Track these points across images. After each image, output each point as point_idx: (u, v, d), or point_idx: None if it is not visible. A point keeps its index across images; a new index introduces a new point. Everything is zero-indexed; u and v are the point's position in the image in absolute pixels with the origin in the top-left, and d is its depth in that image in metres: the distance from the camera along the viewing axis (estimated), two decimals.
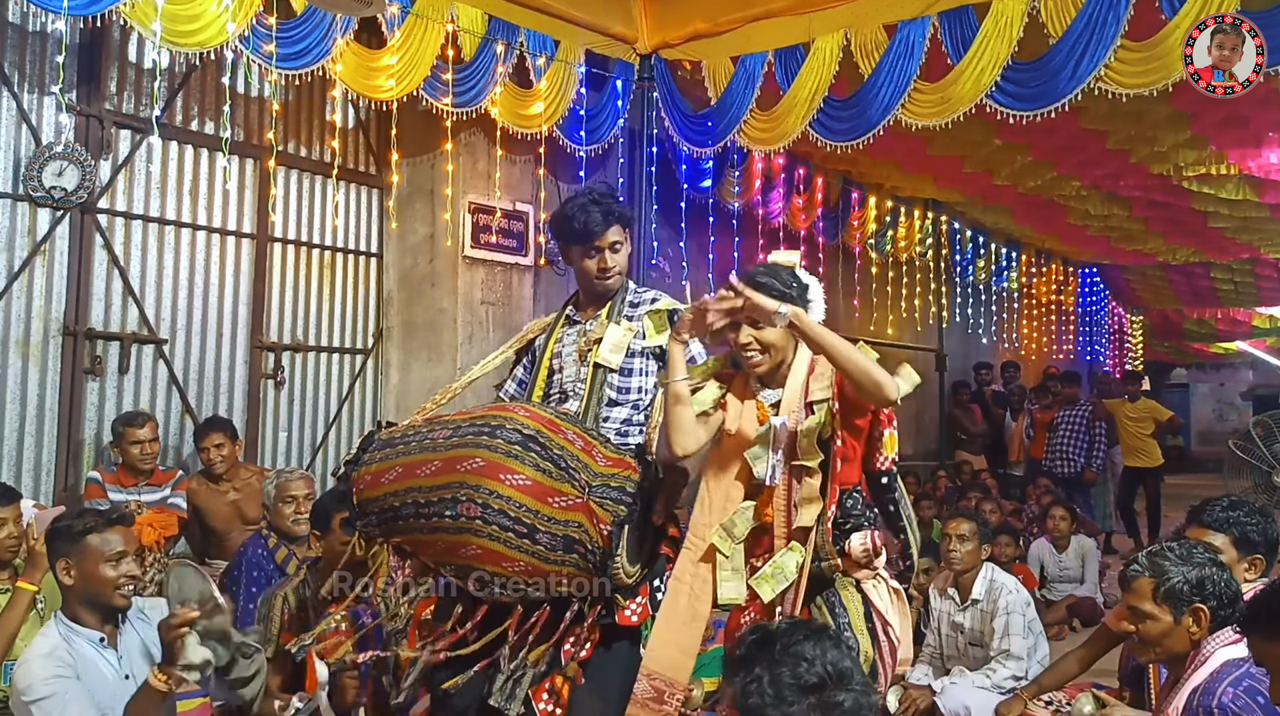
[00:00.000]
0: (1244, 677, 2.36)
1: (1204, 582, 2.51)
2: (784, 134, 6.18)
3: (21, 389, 4.91)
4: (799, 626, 1.79)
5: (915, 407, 11.06)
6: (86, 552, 2.71)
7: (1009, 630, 4.29)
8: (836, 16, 5.88)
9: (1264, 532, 2.97)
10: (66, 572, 2.72)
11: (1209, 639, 2.48)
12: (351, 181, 6.34)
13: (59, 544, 2.75)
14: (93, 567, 2.71)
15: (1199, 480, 13.29)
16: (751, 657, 1.72)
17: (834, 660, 1.69)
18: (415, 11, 5.39)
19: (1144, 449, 9.40)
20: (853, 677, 1.68)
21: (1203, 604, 2.49)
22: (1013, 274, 12.52)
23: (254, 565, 3.98)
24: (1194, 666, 2.48)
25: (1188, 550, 2.60)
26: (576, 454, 2.59)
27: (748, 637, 1.78)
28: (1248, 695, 2.31)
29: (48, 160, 4.84)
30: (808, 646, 1.70)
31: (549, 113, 6.13)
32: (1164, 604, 2.53)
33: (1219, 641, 2.47)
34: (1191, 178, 8.64)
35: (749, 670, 1.70)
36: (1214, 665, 2.44)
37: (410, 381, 6.35)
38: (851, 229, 9.28)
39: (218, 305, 5.67)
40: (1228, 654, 2.44)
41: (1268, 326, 17.80)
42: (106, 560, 2.72)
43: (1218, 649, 2.46)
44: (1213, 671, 2.42)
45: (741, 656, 1.75)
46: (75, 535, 2.74)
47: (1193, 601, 2.50)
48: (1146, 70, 4.98)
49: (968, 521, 4.53)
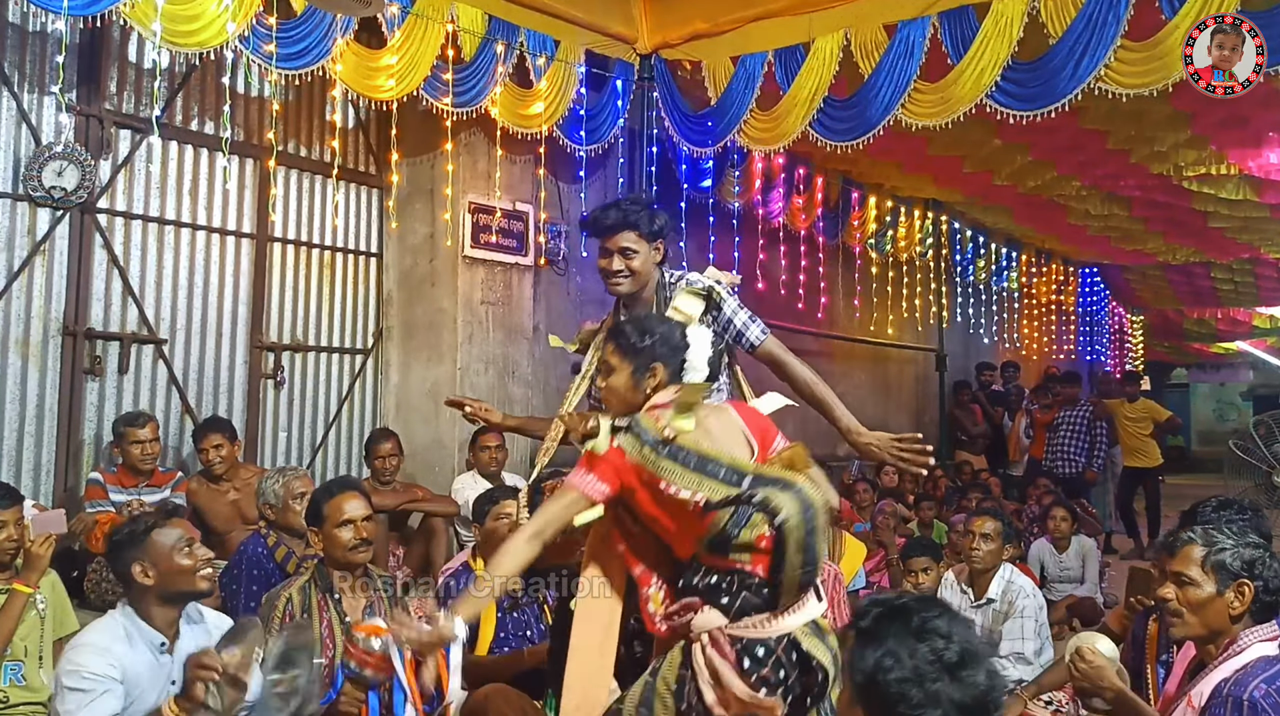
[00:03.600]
0: (1278, 676, 2.33)
1: (1255, 563, 2.48)
2: (784, 134, 6.18)
3: (21, 389, 4.91)
4: (930, 601, 1.71)
5: (915, 407, 11.07)
6: (157, 548, 2.73)
7: (1023, 633, 4.26)
8: (836, 16, 5.88)
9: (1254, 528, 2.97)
10: (145, 574, 2.72)
11: (1246, 632, 2.45)
12: (351, 181, 6.34)
13: (126, 552, 2.74)
14: (168, 560, 2.72)
15: (1199, 480, 13.28)
16: (882, 632, 1.63)
17: (968, 638, 1.63)
18: (415, 11, 5.39)
19: (1143, 449, 9.41)
20: (985, 657, 1.62)
21: (1250, 581, 2.46)
22: (1013, 274, 12.52)
23: (254, 564, 3.97)
24: (1226, 655, 2.45)
25: (1242, 529, 2.58)
26: None
27: (871, 611, 1.68)
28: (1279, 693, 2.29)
29: (48, 160, 4.84)
30: (944, 622, 1.62)
31: (549, 113, 6.13)
32: (1212, 572, 2.49)
33: (1256, 635, 2.44)
34: (1191, 178, 8.64)
35: (880, 644, 1.61)
36: (1248, 658, 2.40)
37: (410, 381, 6.35)
38: (851, 229, 9.28)
39: (217, 305, 5.66)
40: (1263, 650, 2.41)
41: (1268, 326, 17.80)
42: (178, 550, 2.74)
43: (1254, 642, 2.43)
44: (1246, 664, 2.39)
45: (866, 629, 1.65)
46: (139, 536, 2.75)
47: (1240, 577, 2.47)
48: (1146, 70, 4.98)
49: (993, 520, 4.45)
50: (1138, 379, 10.99)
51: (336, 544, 3.25)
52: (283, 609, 3.26)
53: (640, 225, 3.03)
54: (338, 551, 3.25)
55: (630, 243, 3.03)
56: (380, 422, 6.34)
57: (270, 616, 3.28)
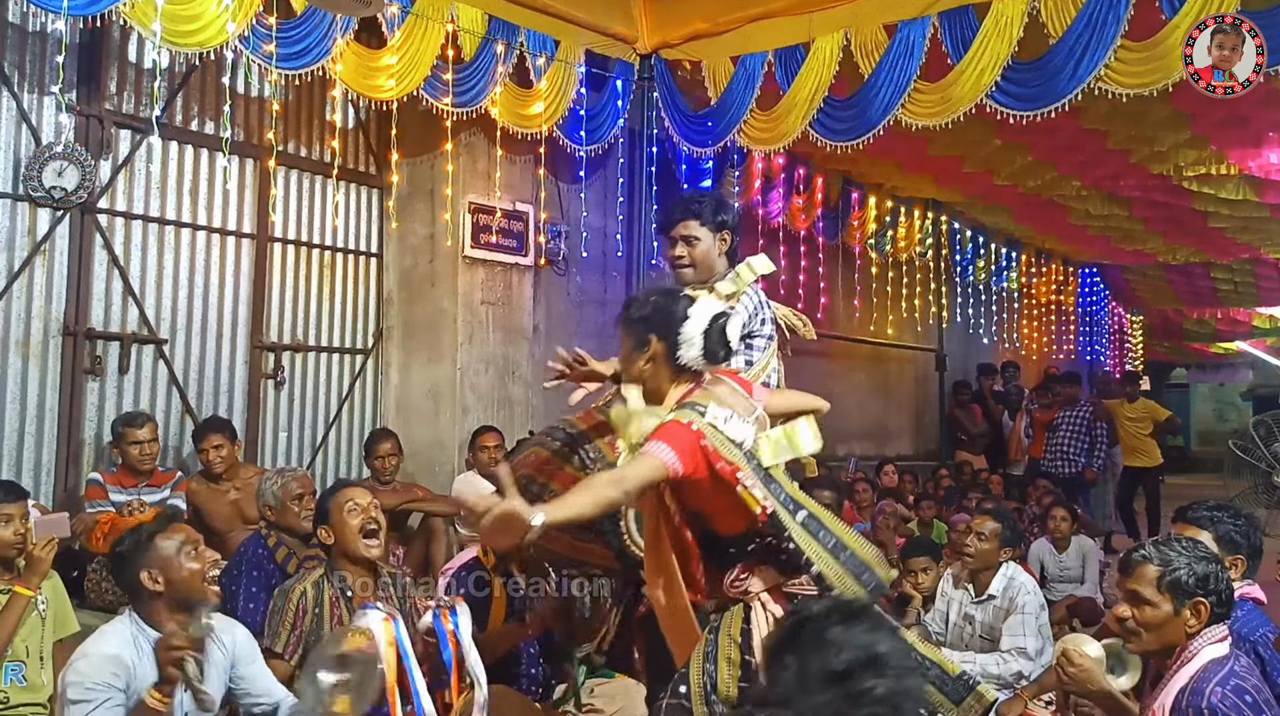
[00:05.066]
0: (1230, 677, 2.38)
1: (1209, 578, 2.50)
2: (784, 134, 6.18)
3: (21, 389, 4.91)
4: (836, 608, 1.66)
5: (915, 407, 11.07)
6: (162, 554, 2.71)
7: (1024, 629, 4.26)
8: (836, 16, 5.88)
9: (1246, 535, 3.01)
10: (153, 581, 2.70)
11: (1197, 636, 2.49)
12: (351, 181, 6.34)
13: (133, 559, 2.72)
14: (175, 565, 2.71)
15: (1199, 480, 13.29)
16: (782, 645, 1.61)
17: (866, 643, 1.56)
18: (415, 11, 5.39)
19: (1143, 449, 9.41)
20: (888, 662, 1.54)
21: (1205, 598, 2.49)
22: (1013, 274, 12.51)
23: (254, 564, 3.97)
24: (1180, 663, 2.49)
25: (1193, 544, 2.60)
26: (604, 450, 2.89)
27: (784, 622, 1.70)
28: (1235, 695, 2.33)
29: (48, 160, 4.84)
30: (839, 630, 1.57)
31: (549, 113, 6.13)
32: (1167, 593, 2.51)
33: (1205, 639, 2.48)
34: (1191, 178, 8.64)
35: (779, 659, 1.59)
36: (1200, 663, 2.44)
37: (410, 381, 6.35)
38: (851, 229, 9.28)
39: (218, 305, 5.66)
40: (1212, 652, 2.45)
41: (1268, 326, 17.79)
42: (184, 553, 2.72)
43: (1203, 647, 2.47)
44: (1198, 670, 2.43)
45: (773, 646, 1.64)
46: (142, 544, 2.73)
47: (1195, 595, 2.49)
48: (1146, 70, 4.98)
49: (994, 521, 4.42)
50: (1137, 379, 10.99)
51: (347, 533, 3.31)
52: (296, 602, 3.30)
53: (703, 214, 3.17)
54: (350, 541, 3.31)
55: (692, 230, 3.16)
56: (380, 422, 6.34)
57: (284, 607, 3.31)
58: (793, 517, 2.51)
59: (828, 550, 2.51)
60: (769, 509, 2.47)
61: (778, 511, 2.49)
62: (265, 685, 2.97)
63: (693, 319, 2.61)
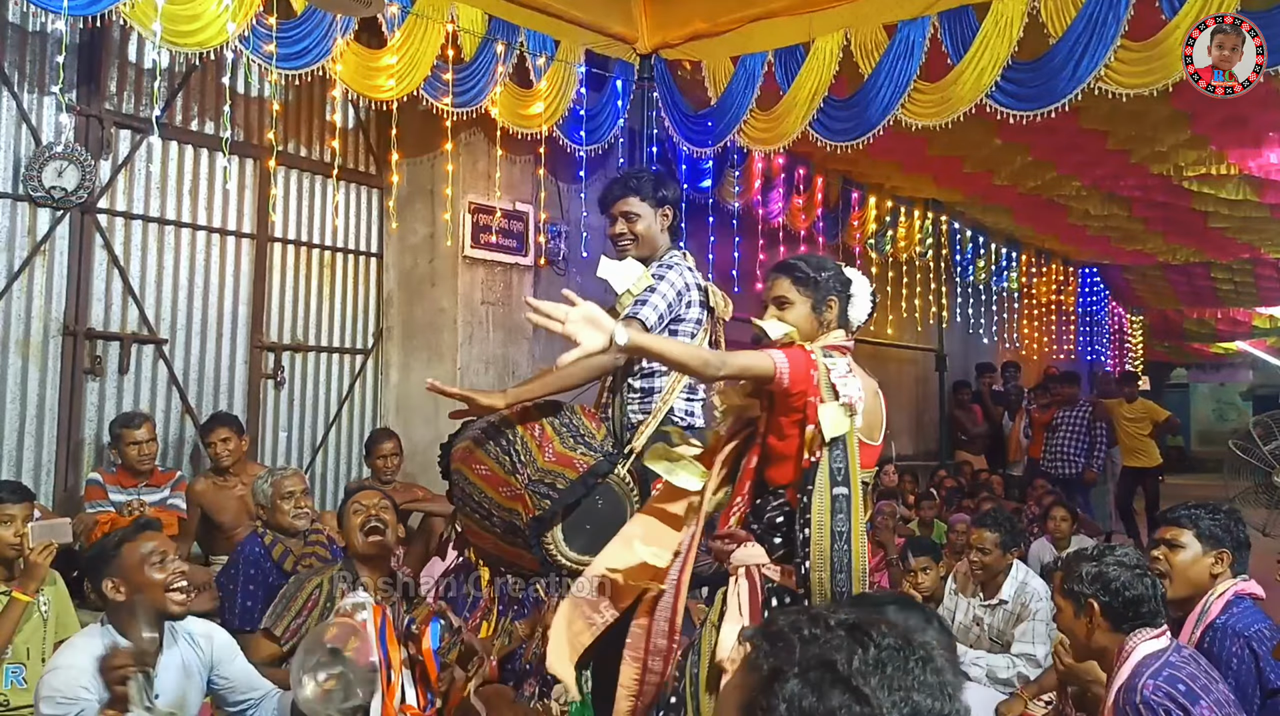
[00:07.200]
0: (1163, 668, 2.39)
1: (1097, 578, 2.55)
2: (784, 134, 6.18)
3: (21, 389, 4.91)
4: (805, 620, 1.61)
5: (915, 407, 11.07)
6: (127, 563, 2.68)
7: (1034, 636, 4.24)
8: (836, 16, 5.88)
9: (1227, 529, 3.00)
10: (116, 590, 2.67)
11: (1133, 636, 2.51)
12: (351, 181, 6.34)
13: (98, 567, 2.71)
14: (138, 575, 2.67)
15: (1199, 480, 13.28)
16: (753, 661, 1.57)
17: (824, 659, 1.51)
18: (415, 11, 5.39)
19: (1142, 449, 9.41)
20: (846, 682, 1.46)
21: (1095, 598, 2.54)
22: (1013, 274, 12.51)
23: (251, 563, 3.98)
24: (1120, 662, 2.50)
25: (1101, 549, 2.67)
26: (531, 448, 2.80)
27: None
28: (1168, 683, 2.35)
29: (48, 160, 4.84)
30: None
31: (549, 113, 6.13)
32: (1067, 599, 2.61)
33: (1141, 637, 2.49)
34: (1191, 178, 8.64)
35: None
36: (1134, 660, 2.46)
37: (410, 381, 6.35)
38: (851, 229, 9.28)
39: (218, 305, 5.67)
40: (1148, 648, 2.47)
41: (1268, 326, 17.79)
42: (149, 563, 2.69)
43: (1140, 643, 2.49)
44: (1134, 667, 2.44)
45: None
46: (109, 551, 2.71)
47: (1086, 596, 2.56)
48: (1146, 70, 4.98)
49: (990, 531, 4.36)
50: (1135, 379, 10.98)
51: (351, 531, 3.47)
52: (309, 593, 3.36)
53: (642, 190, 3.14)
54: (354, 540, 3.46)
55: (633, 207, 3.13)
56: (380, 422, 6.34)
57: (295, 595, 3.38)
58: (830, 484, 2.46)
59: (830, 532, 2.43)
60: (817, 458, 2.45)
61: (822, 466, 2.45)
62: (248, 681, 2.98)
63: (857, 281, 2.78)
